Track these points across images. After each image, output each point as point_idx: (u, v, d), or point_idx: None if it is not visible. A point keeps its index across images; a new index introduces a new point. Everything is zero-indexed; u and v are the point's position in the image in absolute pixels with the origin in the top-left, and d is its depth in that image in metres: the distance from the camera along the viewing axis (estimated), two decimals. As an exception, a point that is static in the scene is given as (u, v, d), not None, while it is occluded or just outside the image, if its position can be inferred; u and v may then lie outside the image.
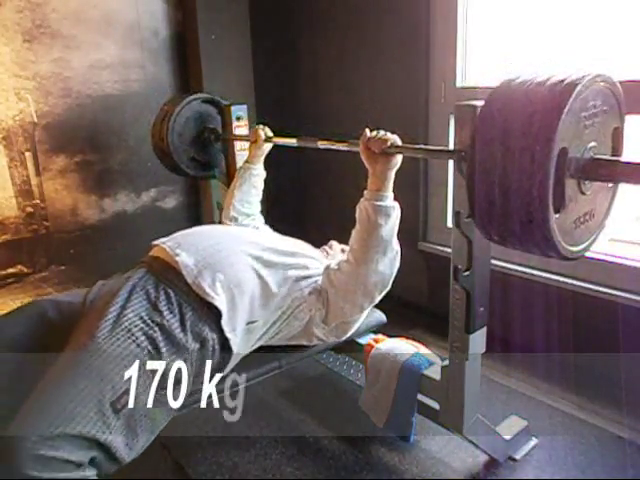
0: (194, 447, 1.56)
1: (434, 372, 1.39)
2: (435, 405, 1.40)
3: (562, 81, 0.84)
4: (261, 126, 1.88)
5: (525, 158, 0.83)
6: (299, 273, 1.44)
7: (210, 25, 2.48)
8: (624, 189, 1.05)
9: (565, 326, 1.81)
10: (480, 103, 1.08)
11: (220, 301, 1.27)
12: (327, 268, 1.46)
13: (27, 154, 2.23)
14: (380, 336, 1.63)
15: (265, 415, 1.69)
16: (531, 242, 0.91)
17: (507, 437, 1.44)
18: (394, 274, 1.41)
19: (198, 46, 2.47)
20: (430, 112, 2.20)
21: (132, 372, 1.09)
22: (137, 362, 1.11)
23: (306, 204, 2.97)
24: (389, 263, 1.37)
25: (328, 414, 1.68)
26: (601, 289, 1.72)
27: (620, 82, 0.99)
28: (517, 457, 1.46)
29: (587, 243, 1.02)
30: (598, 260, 1.76)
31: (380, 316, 1.71)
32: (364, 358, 1.56)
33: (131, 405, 1.07)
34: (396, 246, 1.38)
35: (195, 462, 1.49)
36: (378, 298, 1.44)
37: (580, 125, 0.88)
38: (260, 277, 1.36)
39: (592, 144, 0.92)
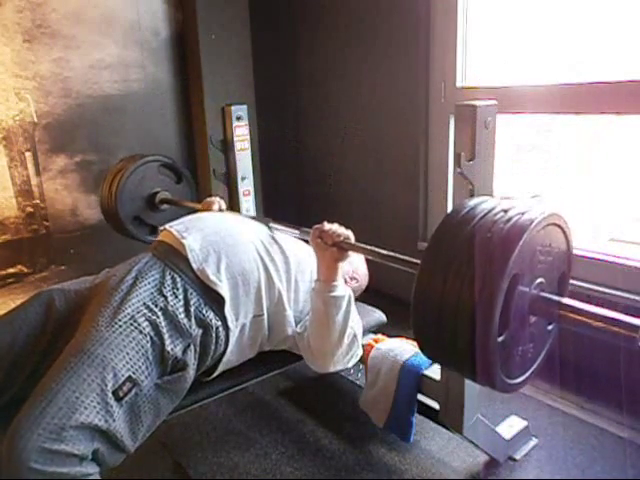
0: (194, 447, 1.56)
1: (434, 372, 1.39)
2: (435, 405, 1.40)
3: (523, 214, 0.83)
4: (217, 198, 1.77)
5: (477, 280, 0.81)
6: (302, 277, 1.45)
7: (210, 25, 2.47)
8: (626, 187, 1.04)
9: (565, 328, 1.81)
10: (480, 103, 1.08)
11: (223, 288, 1.28)
12: (297, 336, 1.42)
13: (27, 154, 2.23)
14: (380, 336, 1.63)
15: (265, 415, 1.69)
16: (467, 366, 0.88)
17: (507, 437, 1.44)
18: (355, 354, 1.39)
19: (198, 46, 2.47)
20: (430, 112, 2.20)
21: (134, 359, 1.10)
22: (139, 349, 1.12)
23: (306, 204, 2.97)
24: (347, 349, 1.35)
25: (328, 414, 1.68)
26: (601, 289, 1.72)
27: (619, 82, 0.98)
28: (517, 457, 1.46)
29: (523, 377, 0.98)
30: (598, 260, 1.76)
31: (380, 316, 1.71)
32: (364, 358, 1.56)
33: (133, 393, 1.07)
34: (352, 329, 1.34)
35: (195, 461, 1.50)
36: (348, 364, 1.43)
37: (535, 258, 0.87)
38: (267, 270, 1.37)
39: (540, 280, 0.90)
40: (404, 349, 1.50)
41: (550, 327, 1.00)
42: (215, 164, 2.56)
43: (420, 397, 1.44)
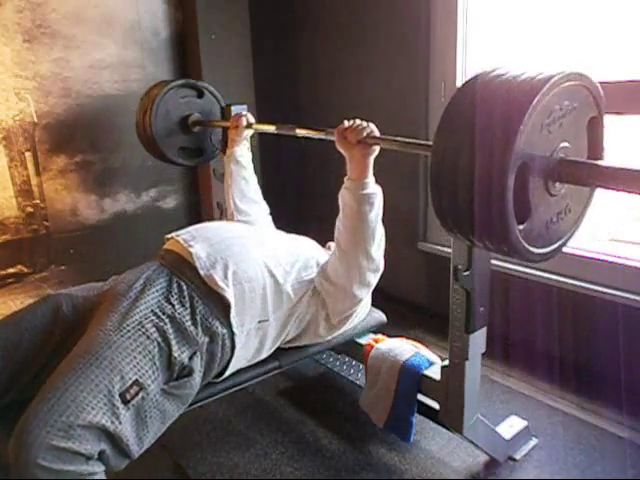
0: (194, 447, 1.56)
1: (434, 372, 1.39)
2: (435, 405, 1.40)
3: (523, 87, 0.79)
4: (244, 112, 1.87)
5: (483, 175, 0.79)
6: (309, 274, 1.45)
7: (210, 25, 2.47)
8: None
9: (565, 326, 1.81)
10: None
11: (230, 294, 1.28)
12: (320, 269, 1.46)
13: (27, 154, 2.22)
14: (380, 336, 1.63)
15: (265, 415, 1.69)
16: (496, 248, 0.88)
17: (507, 437, 1.44)
18: (382, 257, 1.42)
19: (198, 46, 2.47)
20: (430, 112, 2.20)
21: (141, 364, 1.10)
22: (147, 354, 1.12)
23: (306, 204, 2.97)
24: (378, 246, 1.37)
25: (328, 414, 1.68)
26: (601, 289, 1.72)
27: (619, 82, 0.96)
28: (517, 457, 1.46)
29: (561, 242, 0.97)
30: (598, 260, 1.76)
31: (380, 316, 1.71)
32: (364, 358, 1.56)
33: (140, 397, 1.08)
34: (382, 229, 1.38)
35: (195, 462, 1.50)
36: (374, 284, 1.45)
37: (543, 132, 0.83)
38: (272, 275, 1.38)
39: (563, 144, 0.87)
40: (404, 349, 1.50)
41: None
42: (215, 164, 2.56)
43: (420, 397, 1.44)
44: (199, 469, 1.47)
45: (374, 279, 1.43)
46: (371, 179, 1.33)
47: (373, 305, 1.72)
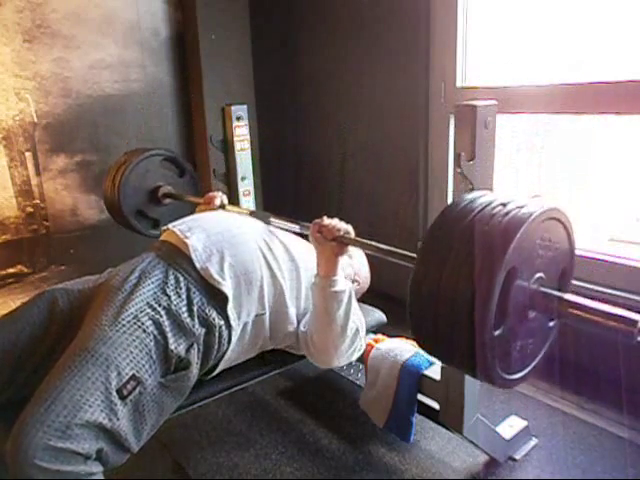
0: (194, 447, 1.56)
1: (434, 372, 1.39)
2: (435, 405, 1.40)
3: (522, 207, 0.83)
4: (220, 193, 1.78)
5: (472, 272, 0.80)
6: (305, 274, 1.44)
7: (210, 25, 2.48)
8: (626, 189, 1.03)
9: (565, 326, 1.81)
10: (480, 103, 1.09)
11: (227, 286, 1.28)
12: (300, 334, 1.43)
13: (27, 154, 2.23)
14: (380, 336, 1.63)
15: (265, 415, 1.69)
16: (464, 360, 0.87)
17: (507, 437, 1.44)
18: (359, 348, 1.40)
19: (198, 46, 2.47)
20: (430, 112, 2.20)
21: (138, 358, 1.10)
22: (143, 348, 1.12)
23: (306, 205, 2.97)
24: (350, 343, 1.35)
25: (328, 414, 1.68)
26: (601, 289, 1.72)
27: (619, 82, 0.97)
28: (517, 457, 1.46)
29: (522, 374, 0.97)
30: (598, 260, 1.76)
31: (380, 316, 1.71)
32: (364, 358, 1.56)
33: (137, 392, 1.08)
34: (355, 323, 1.35)
35: (195, 462, 1.50)
36: (353, 359, 1.43)
37: (534, 252, 0.86)
38: (270, 268, 1.37)
39: (539, 275, 0.89)
40: (404, 349, 1.50)
41: (552, 324, 0.99)
42: (215, 164, 2.56)
43: (420, 397, 1.44)
44: (199, 469, 1.47)
45: (350, 359, 1.42)
46: (340, 276, 1.30)
47: (373, 305, 1.72)
